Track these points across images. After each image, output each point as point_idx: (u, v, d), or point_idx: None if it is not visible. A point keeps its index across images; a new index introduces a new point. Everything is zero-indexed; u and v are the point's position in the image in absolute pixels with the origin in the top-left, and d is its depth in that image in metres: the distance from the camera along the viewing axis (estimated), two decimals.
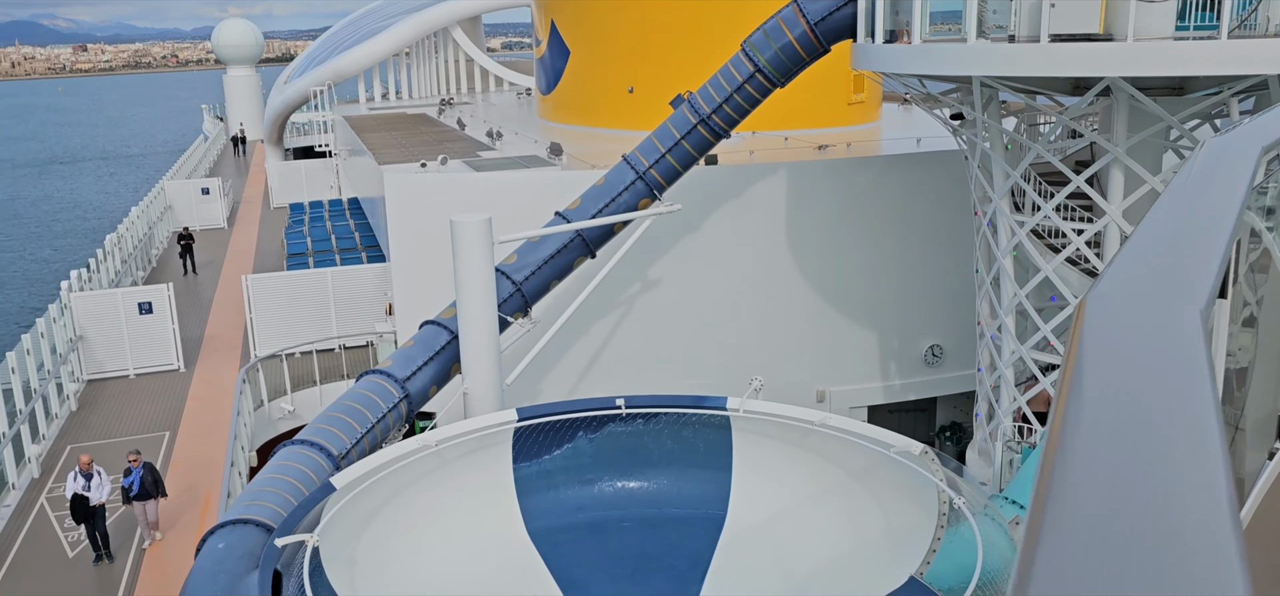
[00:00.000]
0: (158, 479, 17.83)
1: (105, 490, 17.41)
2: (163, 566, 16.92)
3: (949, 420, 27.76)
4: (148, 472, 17.56)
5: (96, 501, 17.27)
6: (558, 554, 14.94)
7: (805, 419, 14.56)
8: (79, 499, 17.17)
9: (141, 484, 17.40)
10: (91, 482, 17.25)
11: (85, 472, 17.30)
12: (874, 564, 13.76)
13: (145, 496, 17.50)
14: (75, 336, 26.28)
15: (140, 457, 17.66)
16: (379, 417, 16.39)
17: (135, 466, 17.43)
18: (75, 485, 17.23)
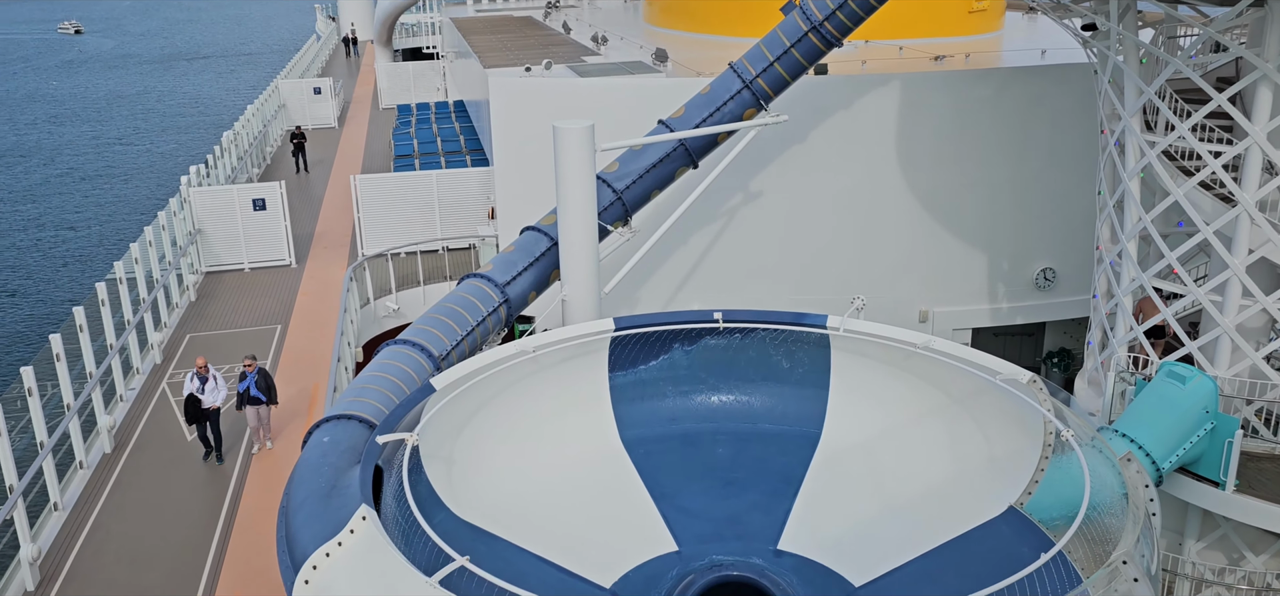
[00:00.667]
0: (270, 384, 18.20)
1: (220, 394, 17.85)
2: (271, 470, 17.48)
3: (1057, 346, 26.75)
4: (261, 377, 17.95)
5: (210, 404, 17.73)
6: (650, 463, 15.02)
7: (908, 341, 14.12)
8: (193, 400, 17.67)
9: (255, 387, 17.86)
10: (206, 385, 17.69)
11: (201, 375, 17.74)
12: (972, 491, 13.39)
13: (257, 401, 17.96)
14: (194, 230, 27.42)
15: (255, 362, 18.06)
16: (479, 321, 16.62)
17: (250, 371, 17.84)
18: (191, 386, 17.72)
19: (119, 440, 18.66)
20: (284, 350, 22.54)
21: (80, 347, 19.02)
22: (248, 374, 17.88)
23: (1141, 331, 17.79)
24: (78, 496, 16.74)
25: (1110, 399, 17.64)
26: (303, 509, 11.39)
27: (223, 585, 14.07)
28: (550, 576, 12.85)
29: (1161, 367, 16.00)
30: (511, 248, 18.40)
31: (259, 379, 17.87)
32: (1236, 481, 15.77)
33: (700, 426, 15.60)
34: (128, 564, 14.68)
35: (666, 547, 13.81)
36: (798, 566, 13.40)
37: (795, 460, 14.92)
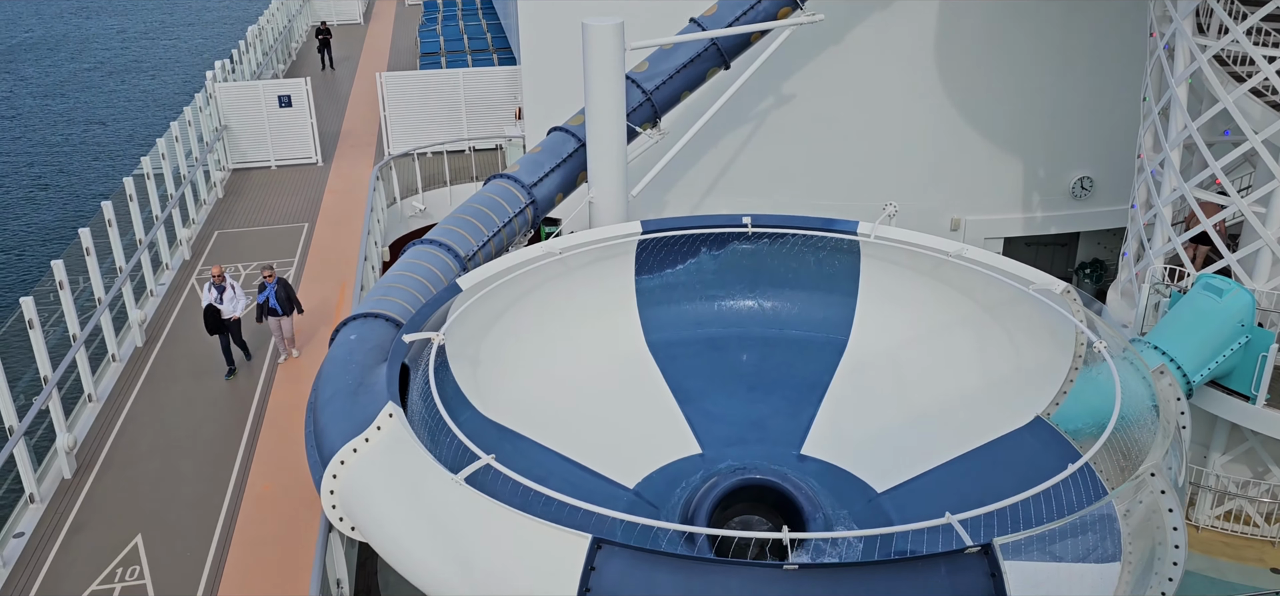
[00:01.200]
0: (291, 294, 17.27)
1: (239, 303, 16.97)
2: (297, 379, 16.99)
3: (1090, 257, 26.28)
4: (281, 288, 17.01)
5: (229, 314, 16.82)
6: (676, 366, 15.05)
7: (940, 249, 13.91)
8: (212, 310, 16.76)
9: (275, 299, 16.97)
10: (223, 295, 16.78)
11: (217, 284, 16.78)
12: (999, 401, 13.33)
13: (276, 312, 17.09)
14: (220, 126, 27.31)
15: (274, 273, 17.11)
16: (505, 222, 16.53)
17: (269, 282, 16.90)
18: (208, 296, 16.77)
19: (150, 334, 18.86)
20: (311, 249, 22.57)
21: (109, 243, 19.13)
22: (267, 285, 16.90)
23: (1181, 242, 17.40)
24: (111, 389, 17.00)
25: (1143, 310, 17.37)
26: (330, 405, 11.51)
27: (253, 476, 14.32)
28: (574, 476, 13.00)
29: (1198, 280, 15.70)
30: (538, 148, 18.20)
31: (279, 290, 16.94)
32: (1267, 396, 15.58)
33: (726, 331, 15.58)
34: (162, 454, 14.95)
35: (690, 450, 13.93)
36: (820, 471, 13.48)
37: (821, 367, 14.89)
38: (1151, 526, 9.29)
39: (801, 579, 8.06)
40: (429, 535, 9.47)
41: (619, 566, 8.29)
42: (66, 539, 13.16)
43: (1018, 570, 8.20)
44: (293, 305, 17.19)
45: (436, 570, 9.42)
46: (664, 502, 12.92)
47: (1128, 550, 9.09)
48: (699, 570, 8.29)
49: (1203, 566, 16.94)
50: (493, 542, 8.91)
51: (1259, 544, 17.30)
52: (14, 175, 48.37)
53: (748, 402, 14.59)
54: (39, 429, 14.97)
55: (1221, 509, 17.55)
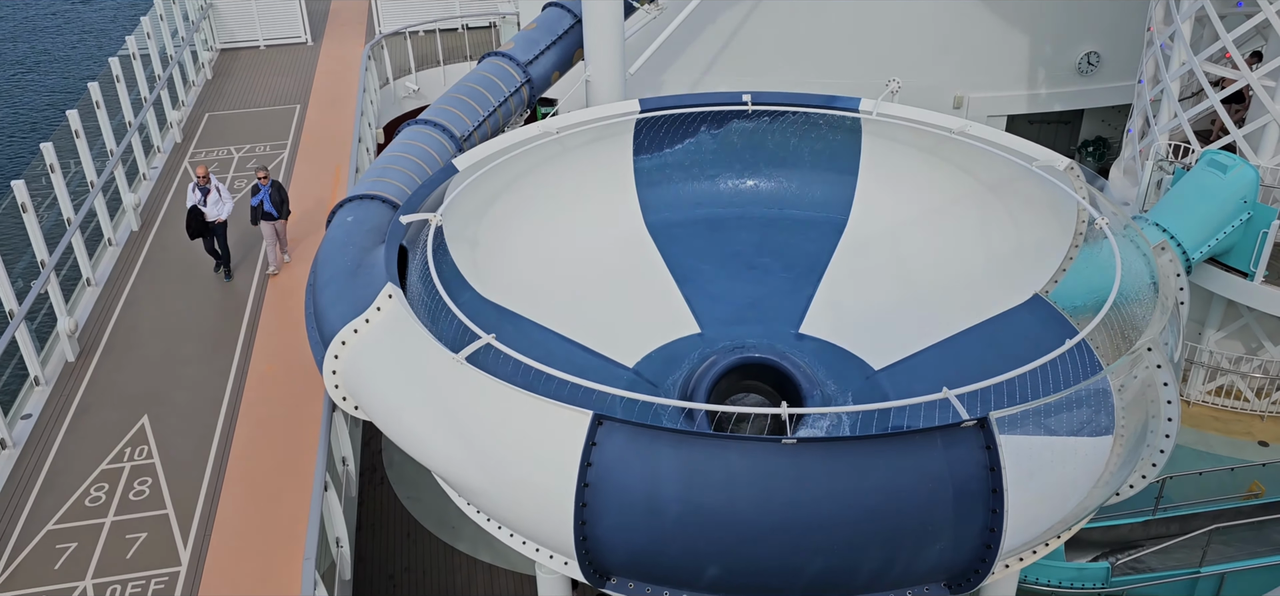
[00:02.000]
0: (284, 197, 16.35)
1: (225, 206, 15.96)
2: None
3: (1094, 135, 26.03)
4: (275, 191, 16.04)
5: (214, 217, 15.84)
6: (674, 247, 14.99)
7: (943, 126, 13.69)
8: (196, 212, 15.81)
9: (269, 202, 15.96)
10: (208, 197, 15.81)
11: (202, 186, 15.77)
12: (998, 278, 13.33)
13: (271, 216, 16.11)
14: (206, 3, 26.62)
15: (268, 175, 16.04)
16: (501, 101, 16.25)
17: (264, 184, 15.89)
18: (192, 197, 15.77)
19: (145, 218, 18.74)
20: (304, 131, 22.26)
21: (98, 126, 18.84)
22: (261, 187, 15.92)
23: (1187, 117, 17.18)
24: (109, 273, 16.97)
25: (1146, 187, 17.28)
26: (329, 286, 11.49)
27: (256, 358, 14.42)
28: (574, 355, 13.07)
29: (1203, 155, 15.56)
30: (534, 25, 17.77)
31: (273, 192, 15.96)
32: (1266, 272, 15.62)
33: (725, 211, 15.46)
34: (163, 337, 15.00)
35: (689, 330, 13.98)
36: (819, 350, 13.56)
37: (821, 246, 14.84)
38: (1146, 400, 9.39)
39: (800, 452, 8.17)
40: (431, 414, 9.56)
41: (620, 441, 8.38)
42: (73, 420, 13.31)
43: (1012, 443, 8.31)
44: (285, 207, 16.31)
45: (439, 448, 9.54)
46: (663, 381, 13.03)
47: (1121, 423, 9.20)
48: (699, 444, 8.39)
49: (1191, 440, 17.27)
50: (494, 420, 8.99)
51: (1248, 418, 17.61)
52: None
53: (746, 282, 14.58)
54: (39, 313, 15.00)
55: (1213, 384, 17.79)
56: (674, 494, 8.26)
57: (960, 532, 8.33)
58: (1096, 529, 15.23)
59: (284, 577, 10.44)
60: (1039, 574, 13.88)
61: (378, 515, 17.65)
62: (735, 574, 8.59)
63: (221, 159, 21.08)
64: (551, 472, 8.52)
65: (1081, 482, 9.01)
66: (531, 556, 9.73)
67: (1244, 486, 15.65)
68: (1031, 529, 8.77)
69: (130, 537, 11.31)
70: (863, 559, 8.37)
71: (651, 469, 8.32)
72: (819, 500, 8.14)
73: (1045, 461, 8.74)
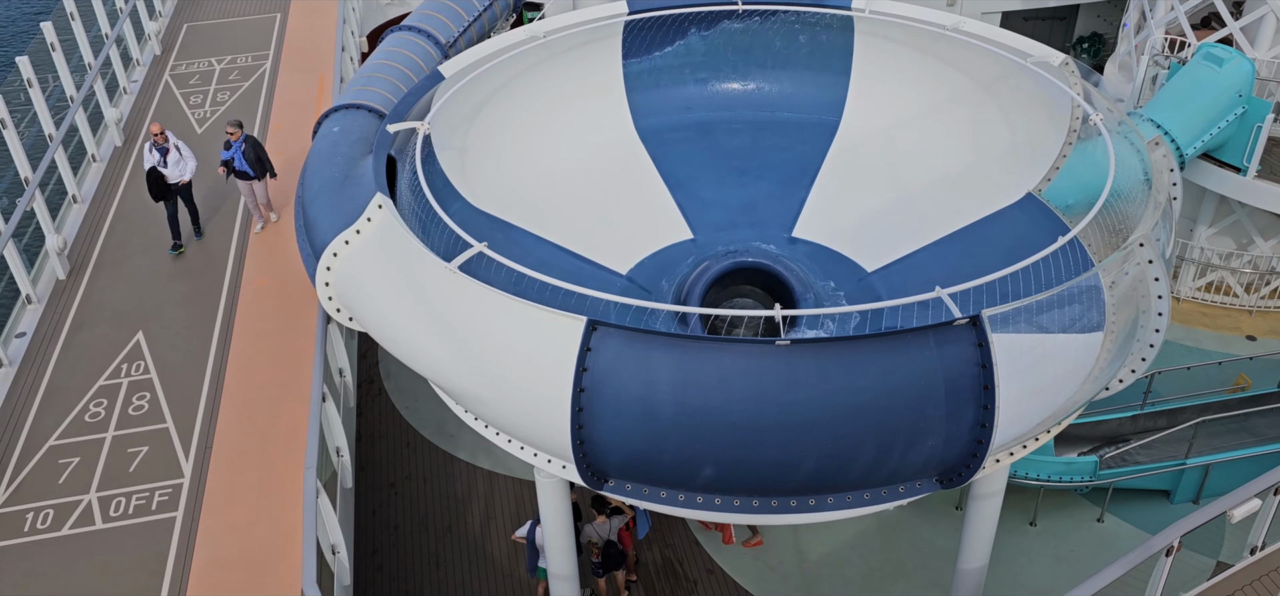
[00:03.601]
0: (262, 155, 14.54)
1: (188, 166, 14.38)
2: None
3: (1089, 31, 25.70)
4: (249, 147, 14.29)
5: (176, 179, 14.28)
6: (665, 152, 14.87)
7: (937, 23, 13.49)
8: (155, 175, 14.21)
9: (243, 160, 14.31)
10: (168, 157, 14.20)
11: (159, 145, 14.12)
12: (991, 178, 13.28)
13: (245, 175, 14.44)
14: None
15: (241, 130, 14.29)
16: (486, 5, 15.94)
17: (235, 140, 14.22)
18: (150, 158, 14.19)
19: (128, 133, 18.45)
20: (285, 40, 21.79)
21: (74, 39, 18.42)
22: (232, 143, 14.22)
23: (1184, 10, 16.94)
24: (95, 189, 16.76)
25: (1141, 82, 17.13)
26: (318, 199, 11.41)
27: (248, 271, 14.36)
28: (567, 263, 13.06)
29: (1199, 49, 15.39)
30: None
31: (247, 149, 14.26)
32: (1259, 166, 15.60)
33: (716, 115, 15.30)
34: (153, 253, 14.88)
35: (682, 235, 13.96)
36: (812, 252, 13.59)
37: (812, 149, 14.74)
38: (1137, 296, 9.45)
39: (793, 353, 8.24)
40: (426, 324, 9.58)
41: (615, 346, 8.44)
42: (68, 337, 13.29)
43: (1004, 340, 8.39)
44: (264, 168, 14.61)
45: (435, 357, 9.59)
46: (656, 287, 13.06)
47: (1111, 319, 9.28)
48: (693, 348, 8.45)
49: (1180, 336, 17.47)
50: (489, 328, 9.03)
51: (1236, 313, 17.79)
52: None
53: (739, 186, 14.52)
54: (27, 230, 14.86)
55: (1203, 280, 17.91)
56: (669, 397, 8.34)
57: (952, 428, 8.46)
58: (1085, 424, 15.49)
59: (286, 486, 10.57)
60: (1028, 468, 14.15)
61: (377, 425, 17.81)
62: (730, 474, 8.74)
63: (202, 71, 20.68)
64: (547, 379, 8.58)
65: (1072, 378, 9.13)
66: (530, 461, 9.87)
67: (1231, 380, 15.87)
68: (1022, 424, 8.92)
69: (132, 451, 11.40)
70: (856, 456, 8.51)
71: (646, 373, 8.39)
72: (812, 400, 8.23)
73: (1036, 358, 8.84)
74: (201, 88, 19.98)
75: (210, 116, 18.85)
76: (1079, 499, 15.13)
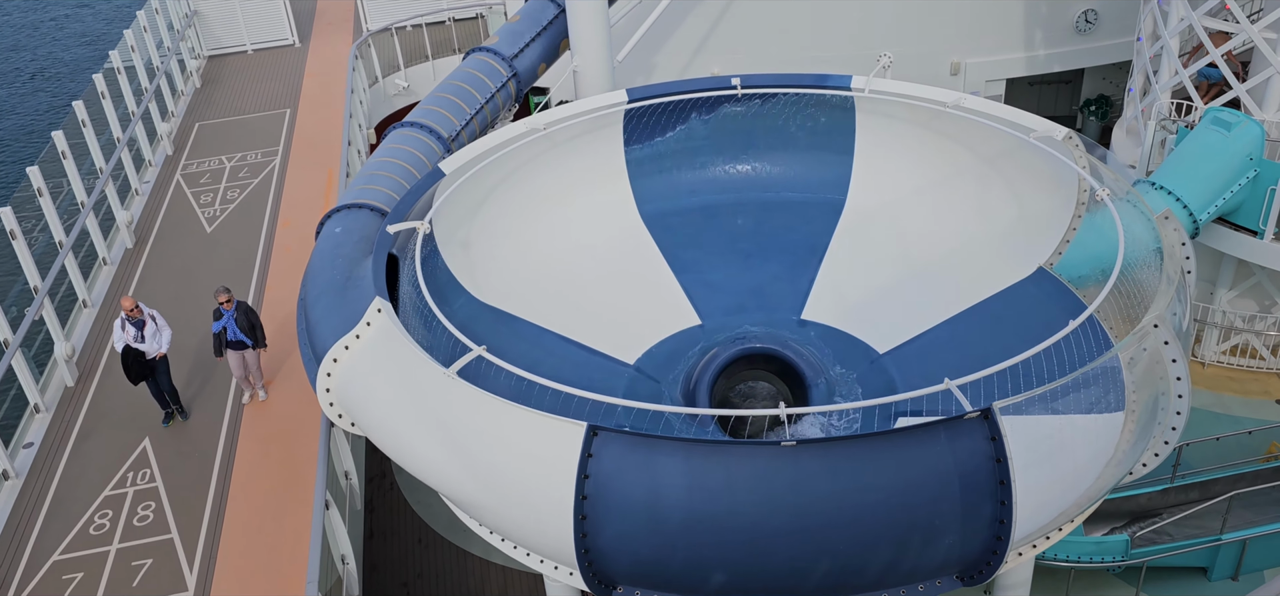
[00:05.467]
0: (254, 322, 13.42)
1: (164, 337, 13.13)
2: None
3: (1095, 93, 25.61)
4: (241, 315, 13.20)
5: (154, 354, 13.00)
6: (670, 237, 14.76)
7: (937, 100, 13.40)
8: (132, 352, 12.92)
9: (236, 328, 13.16)
10: (144, 331, 12.95)
11: (133, 319, 12.84)
12: (1001, 253, 13.07)
13: (241, 344, 13.28)
14: (190, 11, 26.38)
15: (232, 297, 13.08)
16: (488, 97, 16.01)
17: (227, 308, 13.01)
18: (123, 335, 12.87)
19: (139, 235, 18.59)
20: (295, 135, 22.05)
21: (86, 144, 18.67)
22: (224, 311, 13.04)
23: (1188, 74, 16.83)
24: (105, 293, 16.85)
25: (1150, 148, 16.95)
26: (320, 302, 11.32)
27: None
28: (574, 355, 12.88)
29: (1206, 113, 15.22)
30: (518, 17, 17.49)
31: (240, 317, 13.19)
32: (1276, 228, 15.31)
33: (721, 197, 15.20)
34: None
35: (690, 321, 13.77)
36: (822, 335, 13.34)
37: (819, 228, 14.59)
38: (1155, 376, 9.16)
39: (800, 453, 7.98)
40: (427, 431, 9.40)
41: (617, 451, 8.21)
42: (75, 446, 13.23)
43: (1019, 430, 8.10)
44: (258, 333, 13.47)
45: (436, 465, 9.39)
46: (665, 377, 12.84)
47: (1131, 402, 8.99)
48: (697, 451, 8.21)
49: (1208, 402, 17.03)
50: (490, 435, 8.83)
51: (1264, 377, 17.35)
52: None
53: (746, 269, 14.35)
54: (36, 338, 14.88)
55: (1227, 344, 17.52)
56: (674, 502, 8.08)
57: (969, 526, 8.14)
58: (1115, 499, 15.04)
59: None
60: (1057, 549, 13.71)
61: (389, 521, 17.56)
62: (742, 578, 8.42)
63: (213, 169, 20.92)
64: (549, 486, 8.35)
65: (1093, 465, 8.81)
66: (536, 568, 9.59)
67: (1262, 448, 15.40)
68: (1043, 516, 8.57)
69: (136, 564, 11.24)
70: (871, 557, 8.20)
71: (650, 478, 8.14)
72: (822, 501, 7.96)
73: (1054, 447, 8.53)
74: (212, 186, 20.18)
75: (220, 215, 19.00)
76: (1112, 578, 14.61)
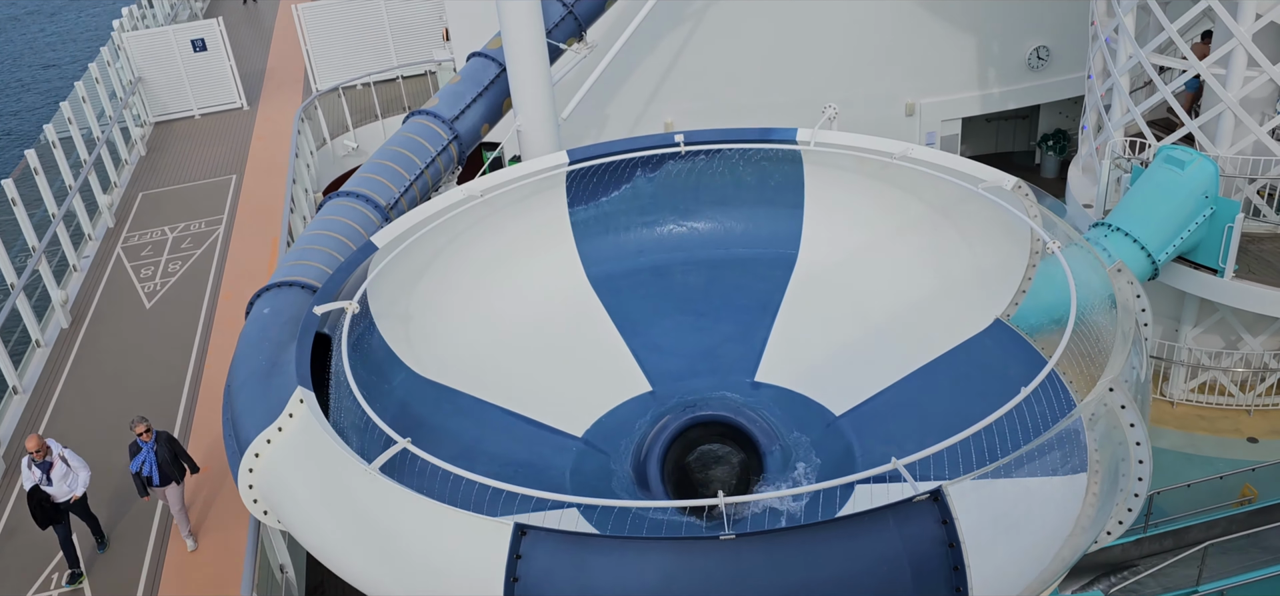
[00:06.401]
0: (178, 452, 12.15)
1: (78, 480, 11.84)
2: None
3: (1052, 128, 25.52)
4: (164, 447, 11.90)
5: (65, 497, 11.72)
6: (619, 299, 14.27)
7: (884, 151, 13.07)
8: (38, 495, 11.56)
9: (159, 466, 11.85)
10: (52, 473, 11.60)
11: (40, 461, 11.55)
12: (957, 305, 12.69)
13: (166, 480, 11.97)
14: (134, 78, 25.83)
15: (150, 429, 11.78)
16: (428, 162, 15.54)
17: (146, 441, 11.74)
18: (30, 476, 11.56)
19: (76, 314, 17.90)
20: (241, 203, 21.47)
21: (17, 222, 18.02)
22: (143, 445, 11.74)
23: (1140, 111, 16.63)
24: (37, 378, 16.14)
25: (1105, 187, 16.71)
26: (244, 390, 10.72)
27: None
28: (519, 430, 12.32)
29: (1160, 151, 15.00)
30: (458, 78, 17.06)
31: (162, 450, 11.86)
32: (1236, 266, 15.05)
33: (671, 256, 14.76)
34: (92, 447, 14.21)
35: (640, 388, 13.25)
36: (776, 397, 12.86)
37: (771, 285, 14.17)
38: (1114, 441, 8.75)
39: (741, 547, 7.47)
40: (350, 530, 8.82)
41: (547, 551, 7.67)
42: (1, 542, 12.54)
43: (973, 504, 7.65)
44: (180, 465, 12.16)
45: (362, 566, 8.79)
46: (614, 449, 12.32)
47: (1093, 469, 8.60)
48: (633, 549, 7.69)
49: (1179, 442, 16.70)
50: (414, 535, 8.26)
51: (1234, 413, 17.03)
52: None
53: (698, 330, 13.90)
54: None
55: (1195, 381, 17.21)
56: None
57: None
58: (1087, 553, 14.57)
59: None
60: None
61: None
62: None
63: (154, 241, 20.29)
64: (475, 589, 7.79)
65: (1055, 536, 8.34)
66: None
67: (1235, 492, 15.03)
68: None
69: None
70: None
71: (581, 578, 7.58)
72: None
73: (1013, 521, 8.07)
74: (153, 259, 19.56)
75: (160, 290, 18.37)
76: None
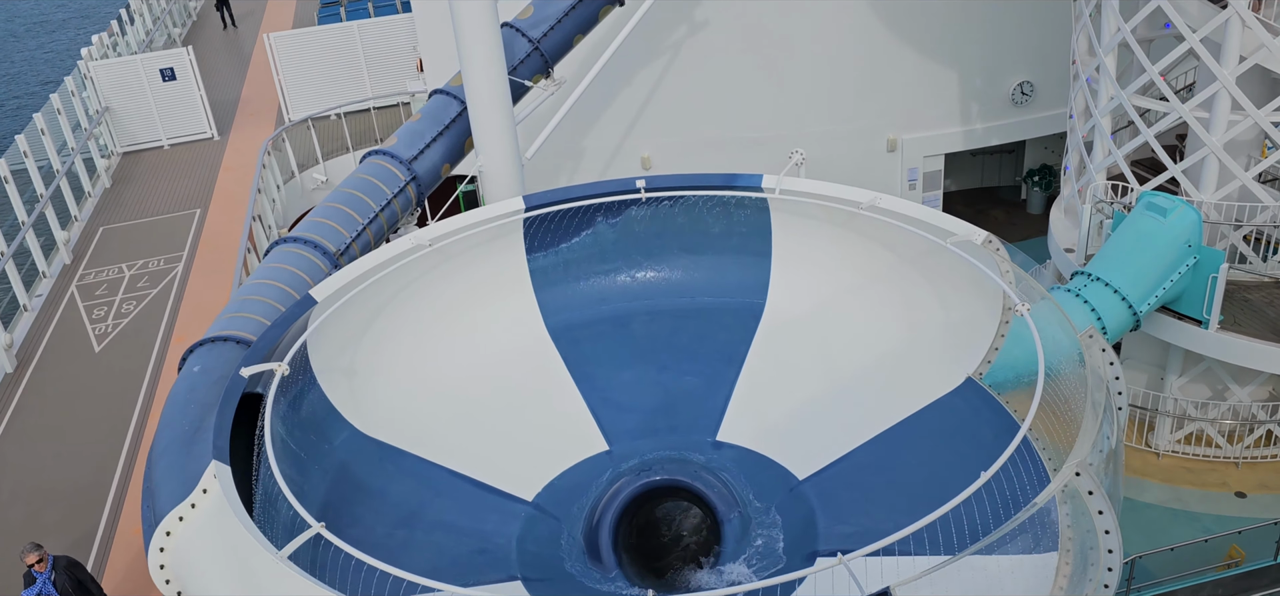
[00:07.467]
0: (82, 579, 11.05)
1: None
2: None
3: (1038, 163, 25.02)
4: (62, 575, 10.80)
5: None
6: (578, 351, 13.67)
7: (851, 200, 12.50)
8: None
9: None
10: None
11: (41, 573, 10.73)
12: (927, 362, 12.09)
13: None
14: (101, 108, 25.27)
15: (45, 557, 10.70)
16: (383, 204, 14.95)
17: (40, 572, 10.62)
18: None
19: (22, 357, 17.27)
20: (202, 239, 20.87)
21: None
22: (38, 576, 10.62)
23: (1122, 154, 16.08)
24: None
25: (1087, 232, 16.15)
26: (164, 458, 10.06)
27: (125, 519, 13.00)
28: (465, 494, 11.69)
29: (1141, 198, 14.44)
30: (418, 116, 16.49)
31: (61, 578, 10.76)
32: (1221, 317, 14.47)
33: (633, 305, 14.14)
34: (24, 501, 13.58)
35: (597, 447, 12.60)
36: (738, 458, 12.22)
37: (737, 336, 13.57)
38: (1082, 527, 8.15)
39: None
40: None
41: None
42: None
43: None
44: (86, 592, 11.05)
45: None
46: (566, 514, 11.68)
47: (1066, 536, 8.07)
48: None
49: (1165, 496, 16.13)
50: None
51: (1222, 466, 16.44)
52: None
53: (659, 385, 13.28)
54: None
55: (1182, 432, 16.61)
56: None
57: None
58: None
59: None
60: None
61: None
62: None
63: (110, 279, 19.69)
64: None
65: None
66: None
67: (1222, 554, 14.39)
68: None
69: None
70: None
71: None
72: None
73: None
74: (107, 298, 18.95)
75: (111, 331, 17.76)
76: None
